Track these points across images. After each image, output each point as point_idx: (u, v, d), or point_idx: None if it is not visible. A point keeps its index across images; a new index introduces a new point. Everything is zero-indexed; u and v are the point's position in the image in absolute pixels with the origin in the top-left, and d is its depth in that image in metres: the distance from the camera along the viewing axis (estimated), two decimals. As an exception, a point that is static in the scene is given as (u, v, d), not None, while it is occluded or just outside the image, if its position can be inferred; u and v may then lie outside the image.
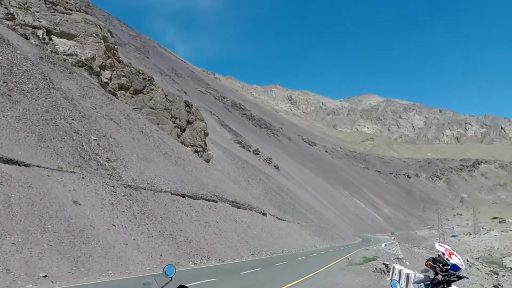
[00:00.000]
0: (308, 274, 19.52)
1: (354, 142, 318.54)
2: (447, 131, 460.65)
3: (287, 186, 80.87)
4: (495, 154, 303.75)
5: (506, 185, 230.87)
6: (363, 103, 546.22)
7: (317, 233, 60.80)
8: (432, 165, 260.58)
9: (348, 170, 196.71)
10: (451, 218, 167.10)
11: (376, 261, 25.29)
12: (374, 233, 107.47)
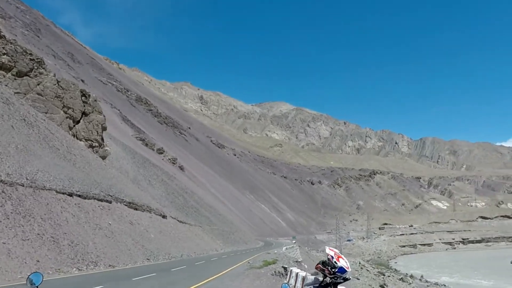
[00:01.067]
0: (206, 278, 19.58)
1: (263, 147, 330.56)
2: (350, 142, 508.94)
3: (191, 188, 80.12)
4: (388, 166, 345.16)
5: (396, 195, 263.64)
6: (274, 110, 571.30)
7: (220, 236, 61.39)
8: (334, 173, 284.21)
9: (255, 175, 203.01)
10: (348, 224, 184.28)
11: (275, 265, 26.37)
12: (277, 237, 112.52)
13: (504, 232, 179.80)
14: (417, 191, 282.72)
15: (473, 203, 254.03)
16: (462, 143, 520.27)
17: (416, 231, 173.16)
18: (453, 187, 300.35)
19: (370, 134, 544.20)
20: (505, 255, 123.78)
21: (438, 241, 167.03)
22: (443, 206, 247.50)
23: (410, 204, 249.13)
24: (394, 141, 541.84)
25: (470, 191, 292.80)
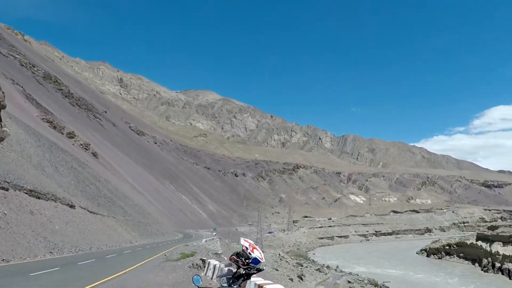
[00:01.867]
0: (117, 272, 18.60)
1: (186, 136, 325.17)
2: (275, 135, 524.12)
3: (105, 177, 75.82)
4: (311, 161, 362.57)
5: (317, 188, 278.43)
6: (200, 98, 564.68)
7: (135, 228, 59.17)
8: (258, 166, 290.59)
9: (176, 164, 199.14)
10: (270, 216, 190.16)
11: (194, 257, 26.18)
12: (197, 229, 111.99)
13: (412, 225, 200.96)
14: (337, 185, 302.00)
15: (386, 198, 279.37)
16: (380, 142, 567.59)
17: (334, 224, 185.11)
18: (370, 182, 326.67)
19: (296, 128, 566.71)
20: (412, 246, 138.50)
21: (354, 233, 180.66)
22: (360, 201, 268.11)
23: (330, 198, 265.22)
24: (318, 137, 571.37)
25: (384, 187, 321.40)
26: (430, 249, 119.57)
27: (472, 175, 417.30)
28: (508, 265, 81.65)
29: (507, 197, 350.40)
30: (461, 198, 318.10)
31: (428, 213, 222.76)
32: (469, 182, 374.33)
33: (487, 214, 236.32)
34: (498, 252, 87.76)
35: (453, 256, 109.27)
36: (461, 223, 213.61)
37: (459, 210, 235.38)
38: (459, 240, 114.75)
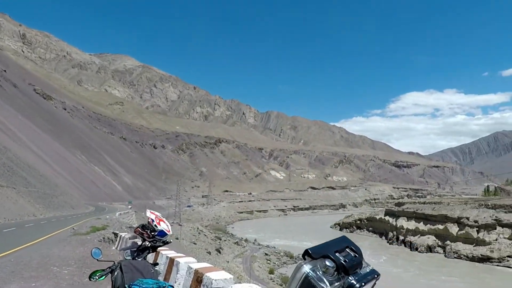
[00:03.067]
0: (16, 247, 16.68)
1: (100, 103, 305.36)
2: (198, 108, 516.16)
3: (3, 143, 68.03)
4: (234, 135, 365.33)
5: (239, 163, 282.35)
6: (117, 63, 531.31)
7: (40, 200, 54.44)
8: (179, 139, 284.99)
9: (89, 133, 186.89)
10: (190, 190, 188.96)
11: (105, 231, 25.08)
12: (111, 202, 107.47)
13: (328, 201, 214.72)
14: (258, 161, 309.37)
15: (306, 175, 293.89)
16: (302, 120, 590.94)
17: (254, 199, 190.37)
18: (290, 159, 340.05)
19: (219, 102, 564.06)
20: (327, 221, 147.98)
21: (273, 208, 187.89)
22: (280, 176, 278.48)
23: (251, 173, 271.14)
24: (242, 112, 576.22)
25: (304, 164, 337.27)
26: (343, 223, 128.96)
27: (384, 155, 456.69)
28: (410, 238, 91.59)
29: (413, 177, 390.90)
30: (374, 177, 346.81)
31: (343, 190, 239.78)
32: (382, 162, 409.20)
33: (395, 191, 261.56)
34: (403, 226, 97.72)
35: (363, 230, 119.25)
36: (372, 199, 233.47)
37: (371, 188, 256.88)
38: (369, 215, 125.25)
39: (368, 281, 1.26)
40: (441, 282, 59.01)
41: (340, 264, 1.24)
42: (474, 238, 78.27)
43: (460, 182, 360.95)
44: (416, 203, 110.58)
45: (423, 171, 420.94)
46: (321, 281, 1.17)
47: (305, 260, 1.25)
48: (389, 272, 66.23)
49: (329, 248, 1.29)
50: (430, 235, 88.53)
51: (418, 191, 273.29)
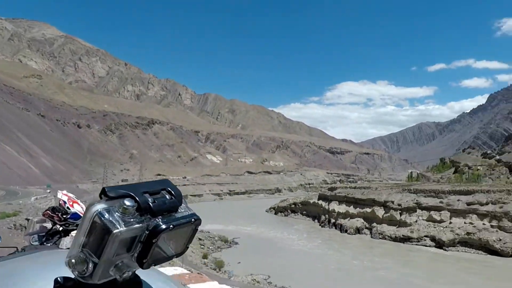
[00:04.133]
0: None
1: (14, 75, 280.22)
2: (129, 86, 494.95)
3: None
4: (169, 117, 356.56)
5: (174, 146, 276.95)
6: (35, 32, 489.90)
7: None
8: (107, 118, 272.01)
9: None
10: (118, 173, 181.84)
11: (17, 217, 23.47)
12: (26, 186, 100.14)
13: (264, 185, 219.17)
14: (194, 144, 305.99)
15: (243, 159, 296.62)
16: (240, 104, 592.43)
17: (189, 183, 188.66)
18: (227, 143, 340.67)
19: (153, 81, 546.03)
20: (262, 204, 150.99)
21: (208, 192, 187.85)
22: (217, 160, 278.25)
23: (186, 156, 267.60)
24: (177, 92, 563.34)
25: (242, 148, 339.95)
26: (278, 207, 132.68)
27: (320, 142, 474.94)
28: (340, 221, 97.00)
29: (346, 163, 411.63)
30: (309, 162, 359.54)
31: (280, 175, 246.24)
32: (317, 148, 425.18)
33: (329, 177, 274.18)
34: (334, 210, 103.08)
35: (298, 214, 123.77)
36: (307, 184, 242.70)
37: (306, 173, 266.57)
38: (303, 199, 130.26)
39: (181, 223, 1.15)
40: (376, 263, 63.26)
41: (144, 205, 1.12)
42: (397, 220, 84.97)
43: (387, 168, 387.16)
44: (348, 187, 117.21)
45: (355, 157, 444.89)
46: (114, 221, 1.04)
47: (100, 200, 1.11)
48: (326, 255, 69.49)
49: (137, 188, 1.14)
50: (359, 218, 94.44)
51: (350, 177, 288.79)
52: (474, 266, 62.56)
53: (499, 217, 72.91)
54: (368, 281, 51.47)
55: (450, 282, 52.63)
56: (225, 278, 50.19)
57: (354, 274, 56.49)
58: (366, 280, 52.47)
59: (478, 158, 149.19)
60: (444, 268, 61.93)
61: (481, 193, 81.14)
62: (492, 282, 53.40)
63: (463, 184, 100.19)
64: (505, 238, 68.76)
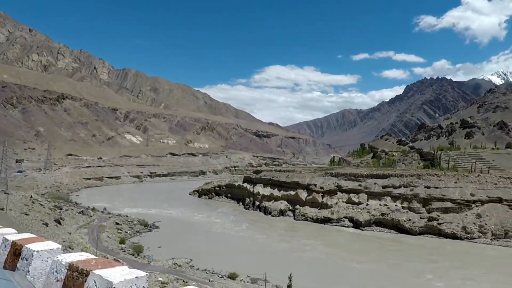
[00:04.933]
0: None
1: None
2: (35, 55, 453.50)
3: None
4: (82, 92, 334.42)
5: (87, 124, 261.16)
6: None
7: None
8: (7, 90, 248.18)
9: None
10: (22, 152, 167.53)
11: None
12: None
13: (188, 167, 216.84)
14: (111, 123, 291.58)
15: (165, 140, 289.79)
16: (164, 82, 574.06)
17: (105, 164, 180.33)
18: (149, 123, 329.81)
19: (64, 51, 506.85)
20: (186, 187, 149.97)
21: (127, 174, 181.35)
22: (137, 141, 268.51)
23: (102, 135, 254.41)
24: (93, 66, 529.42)
25: (164, 129, 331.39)
26: (202, 190, 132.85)
27: (246, 124, 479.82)
28: (265, 203, 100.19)
29: (272, 146, 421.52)
30: (235, 145, 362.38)
31: (204, 157, 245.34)
32: (244, 131, 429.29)
33: (254, 160, 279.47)
34: (259, 192, 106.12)
35: (222, 196, 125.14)
36: (232, 167, 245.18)
37: (232, 155, 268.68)
38: (228, 182, 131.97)
39: None
40: (302, 244, 66.36)
41: None
42: (319, 202, 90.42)
43: (311, 152, 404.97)
44: (273, 171, 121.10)
45: (281, 141, 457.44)
46: None
47: None
48: (252, 237, 71.12)
49: None
50: (283, 201, 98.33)
51: (275, 160, 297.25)
52: (389, 244, 69.09)
53: (410, 199, 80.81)
54: (294, 262, 53.99)
55: (373, 260, 57.29)
56: (144, 263, 49.34)
57: (281, 255, 58.81)
58: (292, 261, 54.94)
59: (394, 145, 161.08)
60: (363, 246, 67.24)
61: (395, 177, 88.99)
62: (406, 258, 59.51)
63: (380, 169, 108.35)
64: (414, 218, 76.71)
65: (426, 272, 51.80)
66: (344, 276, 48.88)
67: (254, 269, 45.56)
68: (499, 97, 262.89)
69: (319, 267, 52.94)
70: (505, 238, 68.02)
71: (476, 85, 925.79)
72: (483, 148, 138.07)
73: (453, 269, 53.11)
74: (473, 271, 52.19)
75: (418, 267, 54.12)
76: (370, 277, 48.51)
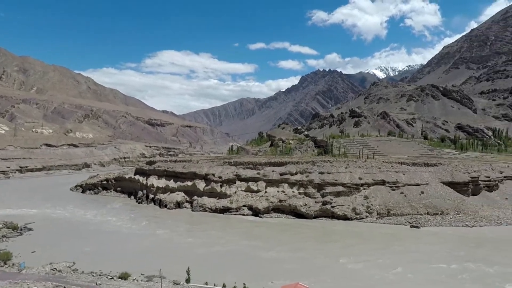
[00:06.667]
0: None
1: None
2: None
3: None
4: None
5: None
6: None
7: None
8: None
9: None
10: None
11: None
12: None
13: (69, 160, 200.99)
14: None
15: (39, 130, 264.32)
16: (36, 63, 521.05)
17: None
18: (17, 109, 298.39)
19: None
20: (67, 182, 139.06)
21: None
22: (1, 130, 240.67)
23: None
24: None
25: (37, 116, 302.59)
26: (86, 184, 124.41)
27: (138, 112, 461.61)
28: (160, 196, 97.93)
29: (167, 136, 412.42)
30: (125, 134, 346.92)
31: (89, 148, 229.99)
32: (134, 119, 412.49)
33: (147, 150, 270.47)
34: (153, 184, 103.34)
35: (111, 191, 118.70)
36: (122, 158, 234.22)
37: (121, 146, 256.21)
38: (118, 175, 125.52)
39: None
40: (204, 237, 65.56)
41: None
42: (218, 192, 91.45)
43: (209, 141, 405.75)
44: (168, 161, 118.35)
45: (176, 130, 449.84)
46: None
47: None
48: (158, 236, 67.70)
49: None
50: (179, 192, 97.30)
51: (170, 150, 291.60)
52: (288, 229, 73.17)
53: (305, 185, 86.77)
54: (194, 255, 53.84)
55: (274, 246, 59.71)
56: (13, 272, 44.06)
57: (181, 249, 57.96)
58: (192, 254, 54.59)
59: (290, 133, 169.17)
60: (264, 233, 69.53)
61: (292, 164, 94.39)
62: (306, 240, 64.04)
63: (278, 157, 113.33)
64: (309, 203, 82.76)
65: (328, 251, 57.04)
66: (250, 266, 50.15)
67: (150, 266, 44.04)
68: (382, 90, 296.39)
69: (222, 259, 53.30)
70: (388, 216, 78.64)
71: (362, 78, 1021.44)
72: (369, 136, 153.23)
73: (349, 247, 59.54)
74: (367, 247, 59.48)
75: (319, 247, 59.27)
76: (276, 264, 50.62)
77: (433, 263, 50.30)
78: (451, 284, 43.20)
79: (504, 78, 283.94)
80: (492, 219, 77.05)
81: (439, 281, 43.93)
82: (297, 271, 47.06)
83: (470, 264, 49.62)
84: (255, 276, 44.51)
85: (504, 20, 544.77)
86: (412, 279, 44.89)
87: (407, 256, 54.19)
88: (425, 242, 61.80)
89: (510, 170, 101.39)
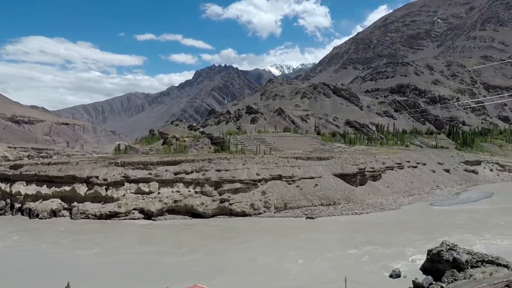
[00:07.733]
0: None
1: None
2: None
3: None
4: None
5: None
6: None
7: None
8: None
9: None
10: None
11: None
12: None
13: None
14: None
15: None
16: None
17: None
18: None
19: None
20: None
21: None
22: None
23: None
24: None
25: None
26: None
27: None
28: (29, 204, 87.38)
29: (37, 135, 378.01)
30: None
31: None
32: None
33: (11, 152, 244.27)
34: (20, 192, 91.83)
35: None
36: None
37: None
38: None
39: None
40: (86, 246, 60.10)
41: None
42: (102, 196, 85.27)
43: (91, 140, 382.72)
44: (39, 164, 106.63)
45: (49, 128, 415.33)
46: None
47: None
48: (38, 252, 58.56)
49: None
50: (55, 199, 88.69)
51: (42, 151, 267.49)
52: (183, 229, 71.65)
53: (202, 184, 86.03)
54: (75, 268, 49.28)
55: (190, 249, 58.05)
56: None
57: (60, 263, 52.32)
58: (72, 267, 49.84)
59: (185, 130, 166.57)
60: (155, 237, 66.48)
61: (187, 163, 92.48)
62: (207, 238, 64.84)
63: (171, 155, 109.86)
64: (207, 202, 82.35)
65: (232, 249, 57.91)
66: (150, 272, 47.45)
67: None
68: (277, 87, 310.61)
69: (119, 269, 49.50)
70: (285, 209, 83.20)
71: (258, 74, 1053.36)
72: (266, 132, 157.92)
73: (247, 242, 61.74)
74: (262, 241, 62.07)
75: (222, 245, 59.89)
76: (177, 267, 49.02)
77: (334, 250, 55.63)
78: (355, 266, 48.05)
79: (385, 78, 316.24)
80: (377, 206, 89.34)
81: (348, 266, 48.10)
82: (201, 272, 46.24)
83: (369, 248, 55.71)
84: (153, 282, 43.15)
85: (384, 26, 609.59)
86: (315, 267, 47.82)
87: (309, 245, 58.93)
88: (323, 231, 68.90)
89: (390, 161, 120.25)
